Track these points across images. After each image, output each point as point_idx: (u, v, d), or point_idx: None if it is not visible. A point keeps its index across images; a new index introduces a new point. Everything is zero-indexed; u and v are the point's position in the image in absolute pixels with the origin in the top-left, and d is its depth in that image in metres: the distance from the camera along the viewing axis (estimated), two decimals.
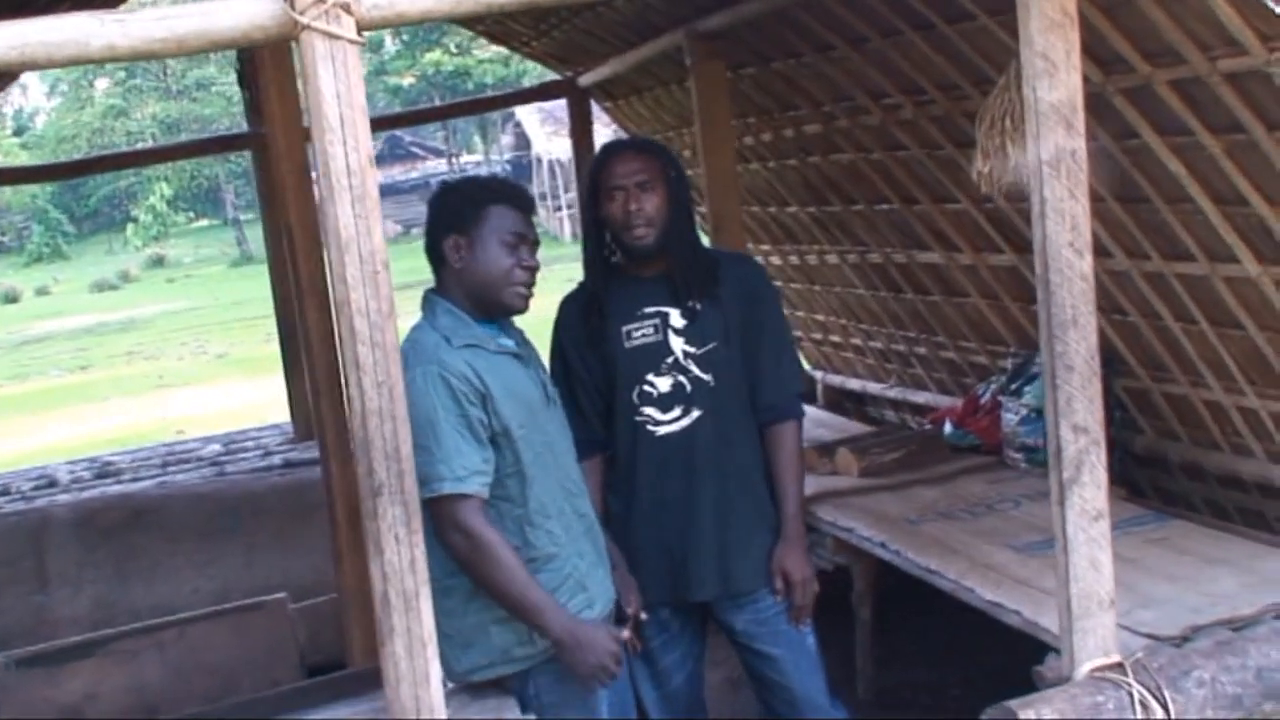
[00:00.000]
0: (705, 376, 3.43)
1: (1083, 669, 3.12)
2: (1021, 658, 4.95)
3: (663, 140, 7.32)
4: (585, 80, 7.13)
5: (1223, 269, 3.93)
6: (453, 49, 42.21)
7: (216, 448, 7.30)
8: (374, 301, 2.64)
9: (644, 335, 3.45)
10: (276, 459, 6.65)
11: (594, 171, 3.44)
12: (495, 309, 3.09)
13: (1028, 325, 5.34)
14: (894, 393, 6.84)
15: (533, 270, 3.10)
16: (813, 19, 4.68)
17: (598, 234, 3.46)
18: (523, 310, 3.11)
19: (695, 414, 3.43)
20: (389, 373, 2.65)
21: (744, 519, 3.47)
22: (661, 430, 3.44)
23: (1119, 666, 3.11)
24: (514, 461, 3.00)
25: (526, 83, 38.31)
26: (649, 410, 3.44)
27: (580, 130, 7.40)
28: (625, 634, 3.32)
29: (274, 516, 5.70)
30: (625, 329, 3.46)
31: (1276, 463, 4.39)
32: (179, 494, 5.94)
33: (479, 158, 47.07)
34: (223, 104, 44.23)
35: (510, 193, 3.16)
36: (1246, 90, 3.25)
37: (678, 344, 3.45)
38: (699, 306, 3.44)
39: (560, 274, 26.42)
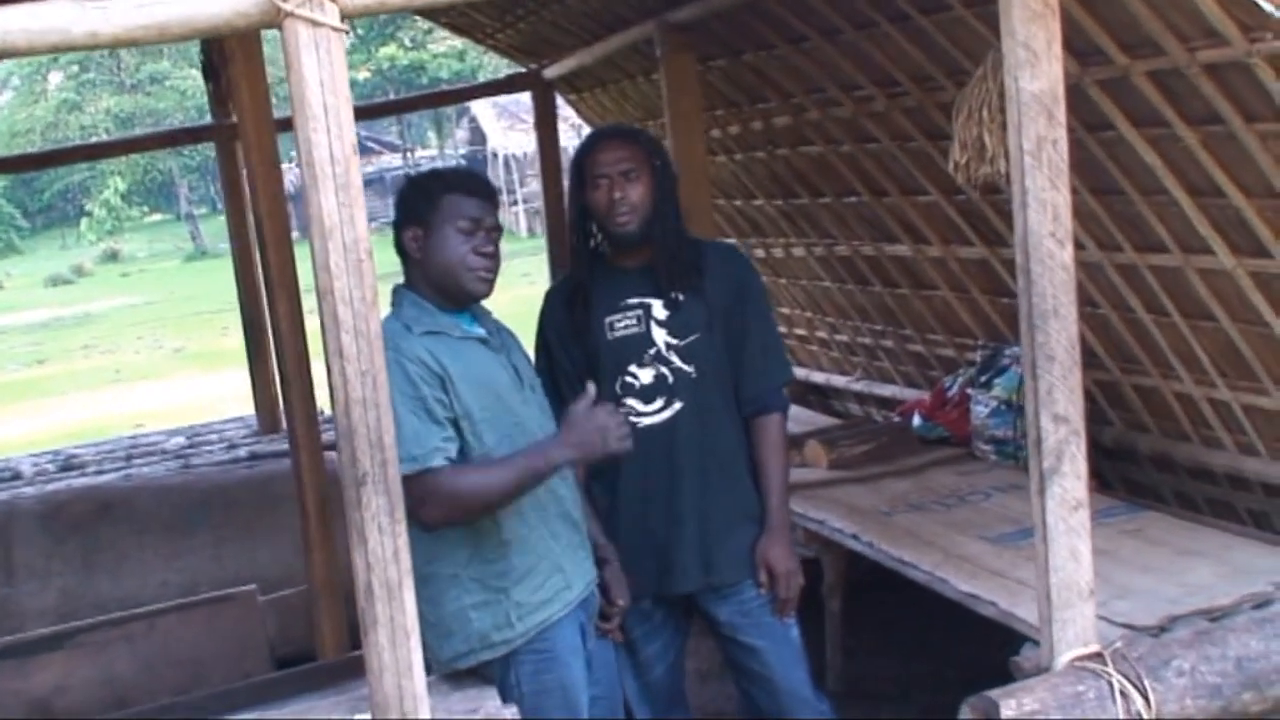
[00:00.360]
0: (687, 368, 3.42)
1: (1062, 659, 3.13)
2: (989, 649, 4.96)
3: None
4: (550, 73, 7.10)
5: (1196, 261, 3.96)
6: (407, 43, 42.01)
7: (180, 440, 7.24)
8: (357, 290, 2.62)
9: (626, 326, 3.44)
10: (242, 451, 6.59)
11: (579, 159, 3.42)
12: (458, 296, 3.10)
13: (996, 318, 5.36)
14: (859, 386, 6.85)
15: (489, 255, 3.10)
16: (786, 10, 4.68)
17: (583, 223, 3.44)
18: (484, 295, 3.13)
19: (677, 405, 3.42)
20: (372, 361, 2.63)
21: (727, 511, 3.47)
22: (644, 422, 3.42)
23: (1098, 656, 3.13)
24: (477, 444, 3.00)
25: (482, 77, 38.20)
26: (631, 402, 3.43)
27: (545, 123, 7.37)
28: (611, 626, 3.33)
29: (242, 509, 5.65)
30: (608, 320, 3.44)
31: (1247, 454, 4.42)
32: (146, 487, 5.87)
33: (434, 152, 46.81)
34: (176, 98, 43.83)
35: (464, 181, 3.18)
36: (1225, 81, 3.27)
37: (660, 335, 3.43)
38: (681, 297, 3.43)
39: (517, 268, 26.37)
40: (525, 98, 7.82)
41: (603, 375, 3.41)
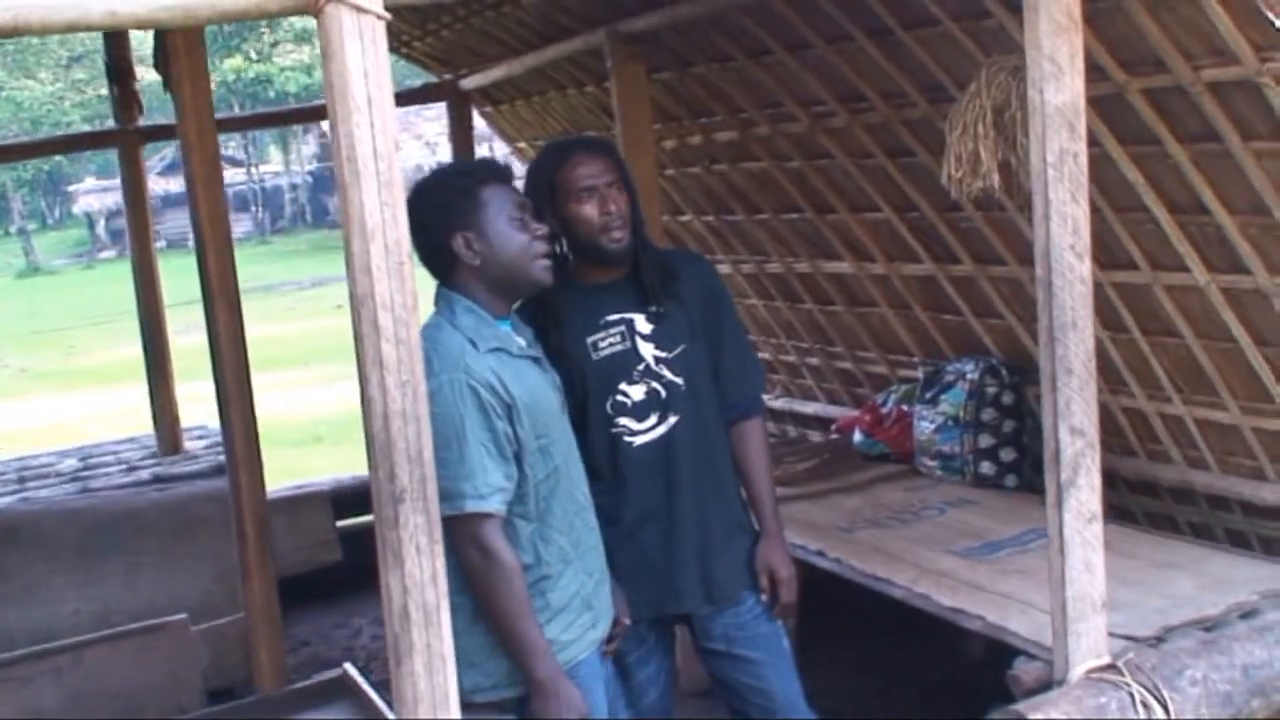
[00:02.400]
0: (678, 380, 3.33)
1: (1077, 670, 3.13)
2: (941, 664, 5.04)
3: None
4: (468, 84, 6.96)
5: (1166, 277, 4.02)
6: (253, 55, 41.12)
7: (74, 462, 6.88)
8: (399, 295, 2.47)
9: (611, 345, 3.32)
10: (144, 474, 6.29)
11: (552, 173, 3.26)
12: (523, 289, 2.98)
13: (937, 335, 5.39)
14: (779, 403, 6.83)
15: (547, 238, 2.98)
16: (753, 22, 4.64)
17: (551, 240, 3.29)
18: (550, 282, 3.00)
19: (672, 419, 3.32)
20: (413, 371, 2.49)
21: (722, 524, 3.39)
22: (639, 440, 3.32)
23: (1113, 668, 3.14)
24: (533, 475, 2.86)
25: None
26: (624, 420, 3.32)
27: (461, 136, 7.22)
28: (612, 647, 3.22)
29: (156, 534, 5.37)
30: (590, 340, 3.31)
31: (1197, 468, 4.51)
32: (51, 510, 5.56)
33: (279, 168, 45.90)
34: (12, 109, 42.15)
35: (492, 171, 3.03)
36: (1227, 100, 3.31)
37: (647, 350, 3.33)
38: (662, 309, 3.34)
39: None
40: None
41: (591, 396, 3.30)
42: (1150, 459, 4.72)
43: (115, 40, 6.40)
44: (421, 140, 35.51)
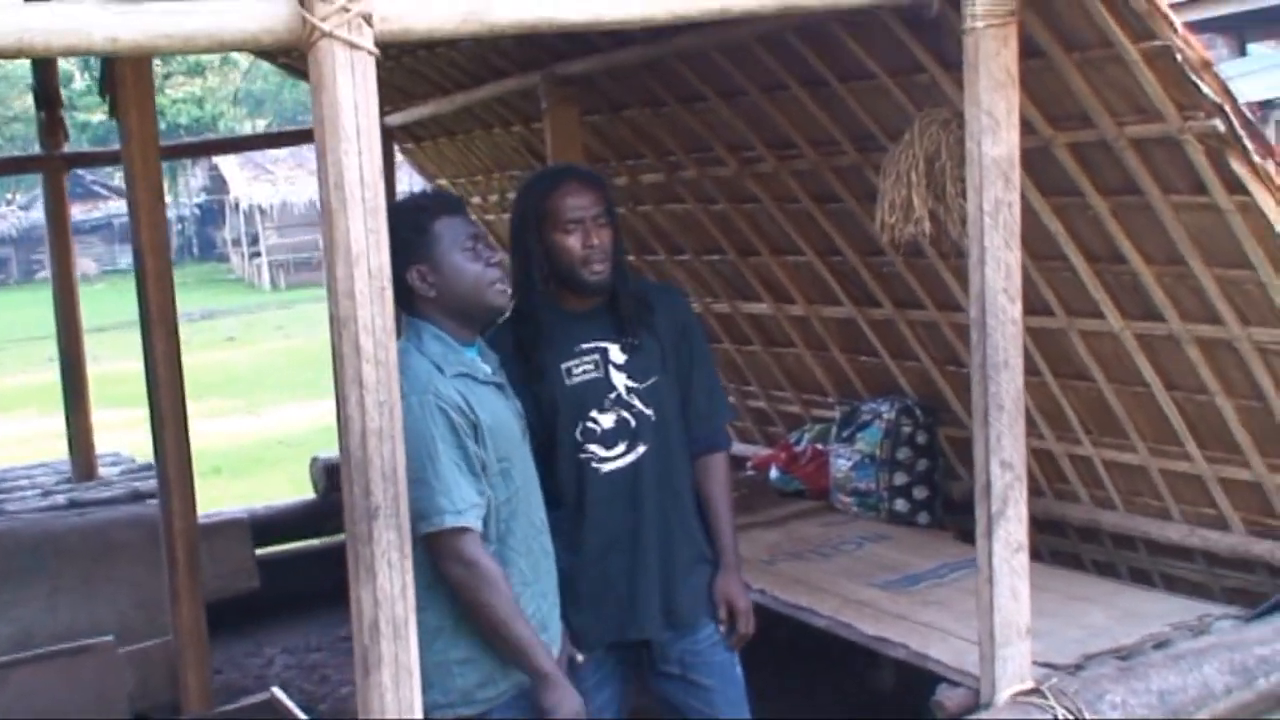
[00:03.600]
0: (648, 411, 3.43)
1: (1004, 694, 3.29)
2: (849, 690, 5.18)
3: (467, 185, 7.33)
4: (391, 121, 7.03)
5: (1081, 323, 4.23)
6: None
7: None
8: (380, 318, 2.58)
9: (585, 372, 3.41)
10: (60, 499, 6.22)
11: (540, 200, 3.37)
12: (482, 316, 3.07)
13: (853, 376, 5.58)
14: None
15: (501, 264, 3.09)
16: (689, 69, 4.80)
17: (533, 265, 3.38)
18: (506, 307, 3.11)
19: (641, 449, 3.41)
20: (390, 392, 2.59)
21: (685, 552, 3.48)
22: (606, 467, 3.41)
23: (1037, 692, 3.31)
24: (495, 497, 2.96)
25: (223, 125, 37.17)
26: (593, 447, 3.40)
27: (385, 172, 7.27)
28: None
29: (77, 557, 5.33)
30: (565, 366, 3.40)
31: (1103, 507, 4.72)
32: None
33: (168, 199, 45.23)
34: None
35: (444, 204, 3.14)
36: (1149, 155, 3.54)
37: (620, 379, 3.42)
38: (637, 341, 3.44)
39: (268, 321, 25.60)
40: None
41: (562, 422, 3.39)
42: (1058, 498, 4.93)
43: (43, 66, 6.37)
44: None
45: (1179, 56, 3.18)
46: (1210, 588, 4.50)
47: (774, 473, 5.74)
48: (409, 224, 3.01)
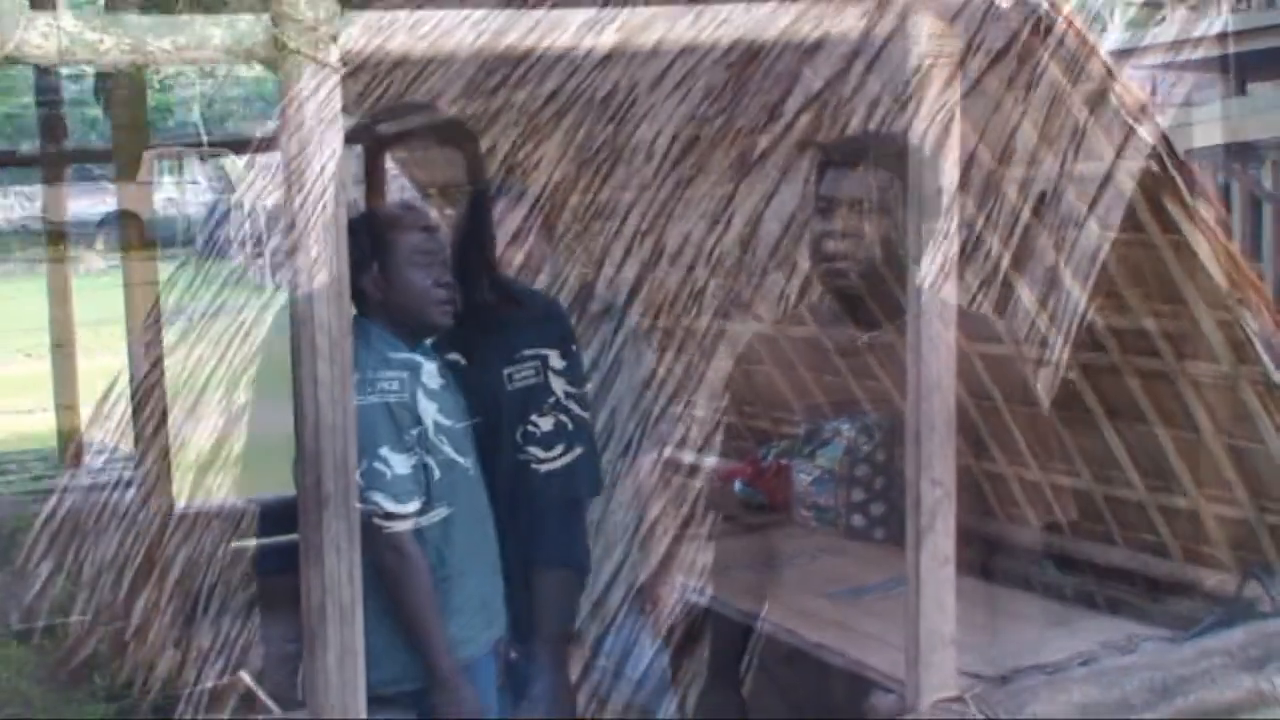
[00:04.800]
0: (585, 414, 3.60)
1: (927, 700, 3.45)
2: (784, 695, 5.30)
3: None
4: (386, 129, 7.18)
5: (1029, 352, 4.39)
6: None
7: None
8: (335, 319, 2.74)
9: (525, 377, 3.59)
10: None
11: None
12: (424, 329, 3.23)
13: (818, 394, 5.72)
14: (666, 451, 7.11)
15: (449, 285, 3.24)
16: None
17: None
18: (448, 325, 3.27)
19: (578, 450, 3.59)
20: (342, 389, 2.75)
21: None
22: (544, 468, 3.58)
23: (960, 700, 3.46)
24: (438, 484, 3.12)
25: (230, 124, 37.29)
26: (532, 449, 3.58)
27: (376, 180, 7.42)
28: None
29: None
30: (506, 371, 3.58)
31: (1051, 531, 4.88)
32: None
33: (174, 198, 45.39)
34: None
35: (409, 217, 3.30)
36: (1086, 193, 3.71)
37: (558, 385, 3.60)
38: (575, 348, 3.62)
39: (268, 320, 25.56)
40: None
41: (503, 424, 3.56)
42: (1010, 521, 5.09)
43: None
44: None
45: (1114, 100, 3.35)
46: (1151, 612, 4.65)
47: (738, 485, 5.88)
48: (371, 231, 3.19)
